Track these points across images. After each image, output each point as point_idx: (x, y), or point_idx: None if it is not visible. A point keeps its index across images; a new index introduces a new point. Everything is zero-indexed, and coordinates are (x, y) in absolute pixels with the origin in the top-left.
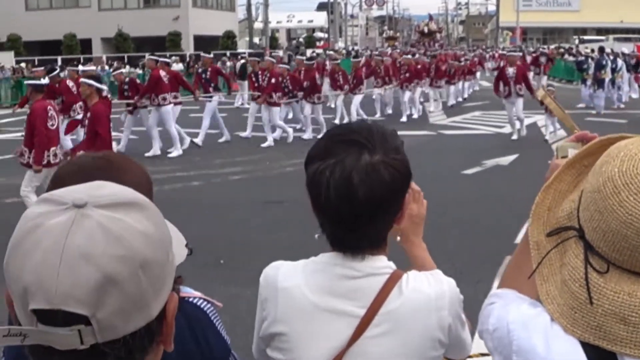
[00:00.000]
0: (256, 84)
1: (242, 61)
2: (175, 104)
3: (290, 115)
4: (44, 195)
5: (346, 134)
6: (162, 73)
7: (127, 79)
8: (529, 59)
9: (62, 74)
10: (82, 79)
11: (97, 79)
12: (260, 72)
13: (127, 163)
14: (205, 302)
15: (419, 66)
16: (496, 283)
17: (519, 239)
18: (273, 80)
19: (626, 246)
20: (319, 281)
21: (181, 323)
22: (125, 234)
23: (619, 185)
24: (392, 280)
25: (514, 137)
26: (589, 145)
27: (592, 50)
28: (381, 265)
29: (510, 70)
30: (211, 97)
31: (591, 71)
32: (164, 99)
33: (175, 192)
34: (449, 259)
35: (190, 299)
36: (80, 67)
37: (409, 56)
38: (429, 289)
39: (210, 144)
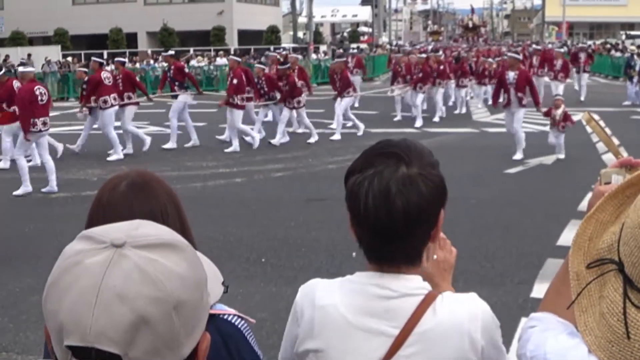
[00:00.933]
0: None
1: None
2: (127, 105)
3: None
4: (84, 233)
5: (384, 147)
6: (104, 75)
7: (86, 78)
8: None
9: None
10: None
11: None
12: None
13: (158, 182)
14: (238, 319)
15: (441, 66)
16: (537, 286)
17: (560, 241)
18: (235, 81)
19: None
20: (355, 301)
21: (216, 340)
22: (161, 275)
23: None
24: (427, 302)
25: (517, 156)
26: (632, 176)
27: (638, 47)
28: (416, 285)
29: (511, 75)
30: (176, 95)
31: (638, 68)
32: (105, 101)
33: (219, 188)
34: (489, 260)
35: (224, 316)
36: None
37: (423, 55)
38: (463, 311)
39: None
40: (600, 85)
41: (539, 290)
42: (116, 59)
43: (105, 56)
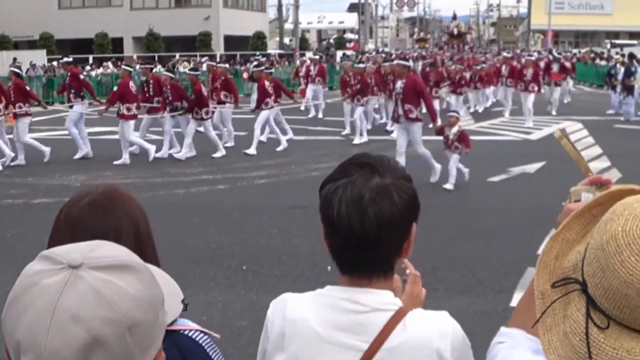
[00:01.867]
0: (147, 94)
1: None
2: (20, 116)
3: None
4: (44, 253)
5: (359, 159)
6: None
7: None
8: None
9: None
10: None
11: None
12: (151, 81)
13: (127, 194)
14: (200, 334)
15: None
16: (516, 295)
17: (541, 249)
18: (119, 89)
19: (626, 305)
20: (326, 314)
21: (174, 356)
22: (116, 297)
23: (622, 245)
24: (397, 317)
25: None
26: (599, 196)
27: (623, 55)
28: (387, 301)
29: (398, 85)
30: (72, 105)
31: (620, 77)
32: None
33: (202, 195)
34: (470, 269)
35: (185, 332)
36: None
37: (387, 64)
38: (433, 329)
39: (238, 147)
40: (584, 93)
41: (519, 299)
42: (10, 68)
43: (90, 61)
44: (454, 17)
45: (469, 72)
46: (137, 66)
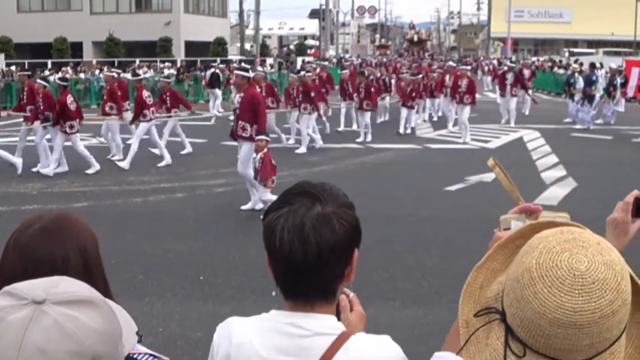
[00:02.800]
0: (22, 102)
1: (212, 70)
2: None
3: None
4: (6, 289)
5: (301, 187)
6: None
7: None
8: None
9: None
10: None
11: None
12: (26, 89)
13: (80, 222)
14: (150, 357)
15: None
16: None
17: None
18: None
19: (540, 334)
20: (270, 339)
21: None
22: (79, 331)
23: (535, 277)
24: (340, 341)
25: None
26: (522, 227)
27: (581, 64)
28: (330, 325)
29: (237, 98)
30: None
31: (579, 86)
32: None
33: (159, 203)
34: (426, 278)
35: (135, 355)
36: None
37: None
38: (375, 353)
39: (197, 154)
40: (542, 102)
41: None
42: None
43: (49, 65)
44: (412, 27)
45: (426, 80)
46: (97, 71)
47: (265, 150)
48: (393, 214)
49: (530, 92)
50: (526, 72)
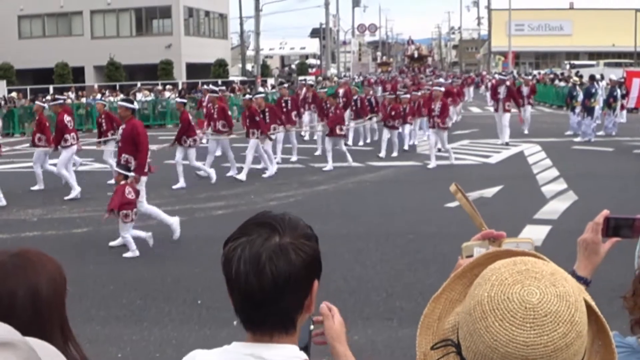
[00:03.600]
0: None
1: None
2: None
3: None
4: None
5: (260, 218)
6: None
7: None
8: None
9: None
10: None
11: None
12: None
13: (42, 260)
14: None
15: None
16: None
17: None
18: None
19: None
20: None
21: None
22: None
23: (487, 310)
24: None
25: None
26: (478, 257)
27: (581, 77)
28: (291, 354)
29: (119, 130)
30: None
31: (580, 99)
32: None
33: (160, 227)
34: (425, 297)
35: None
36: None
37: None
38: None
39: (197, 176)
40: (544, 115)
41: None
42: None
43: (51, 91)
44: (410, 42)
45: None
46: (99, 96)
47: (123, 182)
48: (392, 232)
49: (523, 108)
50: (525, 89)
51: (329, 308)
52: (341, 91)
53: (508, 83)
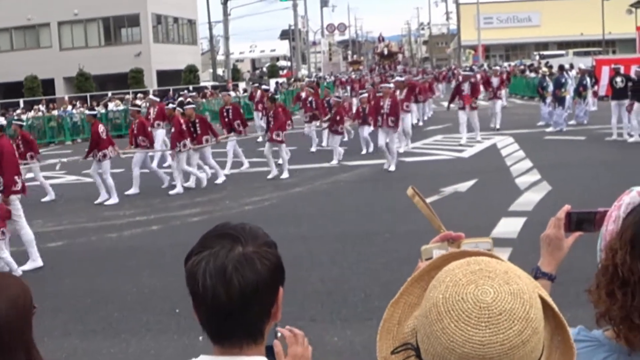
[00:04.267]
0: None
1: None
2: None
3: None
4: None
5: (220, 229)
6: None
7: None
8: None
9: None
10: None
11: None
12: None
13: (4, 283)
14: None
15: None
16: None
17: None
18: None
19: None
20: None
21: None
22: None
23: (442, 312)
24: None
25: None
26: (435, 259)
27: (551, 67)
28: None
29: None
30: None
31: (550, 89)
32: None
33: (135, 238)
34: None
35: None
36: None
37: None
38: None
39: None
40: (516, 106)
41: None
42: None
43: (21, 105)
44: (380, 39)
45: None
46: (69, 107)
47: None
48: (369, 231)
49: (492, 101)
50: (495, 80)
51: (294, 334)
52: (303, 94)
53: (472, 80)
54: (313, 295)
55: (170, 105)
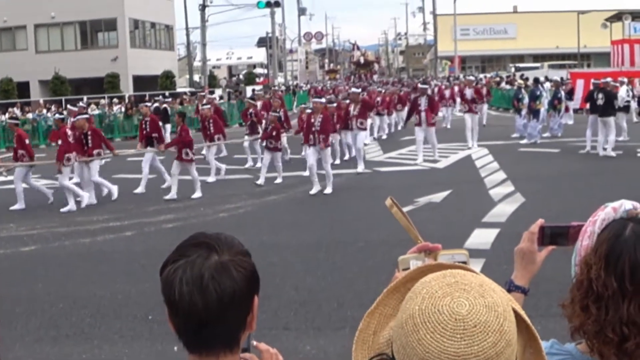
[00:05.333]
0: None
1: (163, 105)
2: None
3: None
4: None
5: (195, 239)
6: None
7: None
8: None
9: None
10: None
11: None
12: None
13: None
14: None
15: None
16: None
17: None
18: None
19: None
20: None
21: None
22: None
23: (418, 323)
24: None
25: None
26: (411, 271)
27: (526, 79)
28: None
29: None
30: None
31: (526, 101)
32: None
33: (108, 243)
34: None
35: None
36: None
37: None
38: None
39: (147, 190)
40: (491, 117)
41: None
42: None
43: None
44: (355, 48)
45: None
46: (44, 111)
47: None
48: (342, 240)
49: (469, 114)
50: (468, 92)
51: (271, 353)
52: (259, 104)
53: (429, 92)
54: (287, 304)
55: (57, 116)
